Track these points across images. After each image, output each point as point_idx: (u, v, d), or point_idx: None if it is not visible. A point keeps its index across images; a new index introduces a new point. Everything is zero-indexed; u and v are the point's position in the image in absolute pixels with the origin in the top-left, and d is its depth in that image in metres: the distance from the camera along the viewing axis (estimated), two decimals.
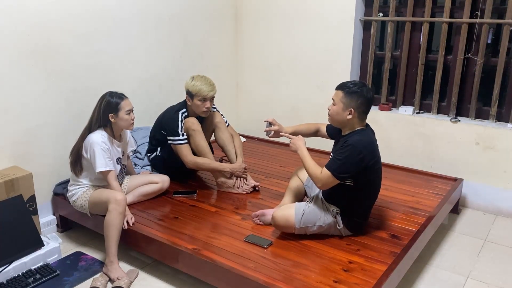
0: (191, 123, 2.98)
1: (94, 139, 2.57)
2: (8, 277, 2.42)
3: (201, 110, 2.97)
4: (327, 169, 2.28)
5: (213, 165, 3.01)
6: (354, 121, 2.32)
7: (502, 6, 3.23)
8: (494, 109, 3.30)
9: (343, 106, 2.29)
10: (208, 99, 2.94)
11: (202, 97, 2.92)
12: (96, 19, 3.07)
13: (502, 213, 3.31)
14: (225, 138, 3.16)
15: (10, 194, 2.60)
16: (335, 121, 2.38)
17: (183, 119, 3.01)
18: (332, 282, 2.08)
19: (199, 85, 2.91)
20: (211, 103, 2.99)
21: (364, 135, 2.31)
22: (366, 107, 2.32)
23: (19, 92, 2.73)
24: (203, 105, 2.94)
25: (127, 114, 2.63)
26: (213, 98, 3.00)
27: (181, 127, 2.98)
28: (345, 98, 2.29)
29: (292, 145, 2.49)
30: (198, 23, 3.87)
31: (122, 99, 2.63)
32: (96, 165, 2.56)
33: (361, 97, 2.28)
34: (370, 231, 2.52)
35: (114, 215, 2.47)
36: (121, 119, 2.62)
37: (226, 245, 2.39)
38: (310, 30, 3.85)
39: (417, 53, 3.55)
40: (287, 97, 4.14)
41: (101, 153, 2.56)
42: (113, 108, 2.60)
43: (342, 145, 2.30)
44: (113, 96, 2.61)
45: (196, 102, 2.94)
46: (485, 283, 2.53)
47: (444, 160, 3.45)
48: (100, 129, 2.63)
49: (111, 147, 2.65)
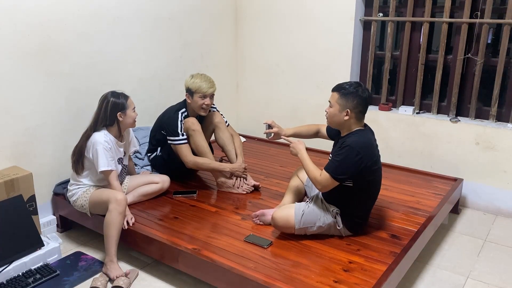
0: (191, 123, 2.98)
1: (97, 138, 2.58)
2: (8, 277, 2.42)
3: (201, 107, 2.97)
4: (326, 171, 2.29)
5: (213, 165, 3.01)
6: (351, 122, 2.32)
7: (502, 6, 3.23)
8: (494, 109, 3.30)
9: (340, 108, 2.30)
10: (208, 96, 2.96)
11: (202, 94, 2.94)
12: (96, 19, 3.07)
13: (502, 213, 3.31)
14: (225, 138, 3.16)
15: (10, 194, 2.60)
16: (333, 123, 2.39)
17: (183, 119, 3.02)
18: (332, 282, 2.08)
19: (199, 82, 2.93)
20: (211, 101, 3.00)
21: (362, 135, 2.32)
22: (363, 108, 2.32)
23: (19, 92, 2.73)
24: (203, 102, 2.95)
25: (133, 111, 2.69)
26: (213, 95, 3.01)
27: (180, 127, 2.98)
28: (341, 99, 2.30)
29: (292, 148, 2.50)
30: (198, 23, 3.87)
31: (127, 98, 2.68)
32: (99, 164, 2.56)
33: (357, 98, 2.28)
34: (370, 231, 2.52)
35: (114, 215, 2.48)
36: (128, 116, 2.68)
37: (226, 245, 2.39)
38: (310, 30, 3.85)
39: (417, 53, 3.55)
40: (287, 97, 4.14)
41: (104, 152, 2.57)
42: (122, 107, 2.64)
43: (340, 146, 2.31)
44: (118, 96, 2.64)
45: (196, 99, 2.95)
46: (485, 283, 2.53)
47: (444, 160, 3.45)
48: (103, 129, 2.64)
49: (113, 147, 2.66)
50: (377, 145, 2.41)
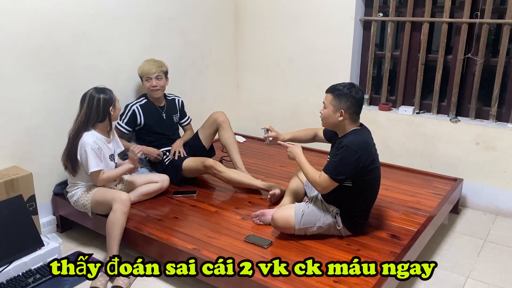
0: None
1: (85, 139, 2.58)
2: (8, 277, 2.42)
3: (150, 89, 3.11)
4: (324, 173, 2.29)
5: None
6: (346, 123, 2.33)
7: (502, 6, 3.23)
8: (494, 109, 3.30)
9: (334, 109, 2.31)
10: (152, 78, 3.08)
11: (147, 76, 3.09)
12: (96, 19, 3.07)
13: (502, 213, 3.31)
14: (228, 137, 3.20)
15: (10, 194, 2.60)
16: (328, 124, 2.40)
17: (138, 108, 3.13)
18: (332, 282, 2.08)
19: (142, 65, 3.13)
20: (158, 82, 3.11)
21: (358, 135, 2.32)
22: (357, 108, 2.33)
23: (19, 92, 2.73)
24: (150, 84, 3.09)
25: (119, 103, 2.73)
26: (160, 77, 3.11)
27: (125, 114, 3.11)
28: (335, 100, 2.31)
29: (289, 153, 2.49)
30: (198, 23, 3.87)
31: (111, 92, 2.69)
32: (89, 166, 2.56)
33: (351, 98, 2.29)
34: (370, 231, 2.52)
35: (118, 215, 2.48)
36: (117, 109, 2.71)
37: (226, 245, 2.40)
38: (310, 30, 3.85)
39: (417, 53, 3.54)
40: (287, 97, 4.14)
41: (92, 153, 2.56)
42: (112, 101, 2.65)
43: (337, 147, 2.32)
44: (105, 92, 2.64)
45: (144, 82, 3.12)
46: (485, 283, 2.53)
47: (444, 160, 3.45)
48: (90, 129, 2.63)
49: (102, 145, 2.65)
50: (374, 144, 2.41)
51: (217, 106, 3.24)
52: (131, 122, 3.13)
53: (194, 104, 3.86)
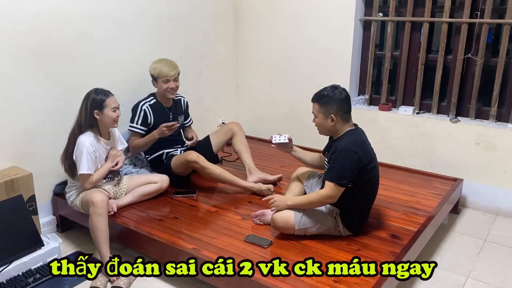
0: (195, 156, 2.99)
1: (82, 140, 2.57)
2: (8, 277, 2.42)
3: (167, 91, 3.08)
4: (328, 181, 2.29)
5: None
6: (339, 125, 2.35)
7: (502, 6, 3.23)
8: (494, 109, 3.30)
9: (323, 116, 2.34)
10: (171, 79, 3.05)
11: (165, 78, 3.03)
12: (96, 19, 3.07)
13: (502, 213, 3.31)
14: (242, 145, 3.30)
15: (10, 194, 2.60)
16: (323, 131, 2.42)
17: (148, 108, 3.09)
18: (332, 282, 2.08)
19: (159, 67, 3.05)
20: (175, 83, 3.09)
21: (352, 135, 2.34)
22: (346, 108, 2.34)
23: (19, 92, 2.73)
24: (168, 86, 3.06)
25: (112, 111, 2.60)
26: (177, 78, 3.10)
27: (138, 116, 3.06)
28: (322, 108, 2.33)
29: (275, 206, 2.42)
30: (198, 23, 3.87)
31: (107, 96, 2.60)
32: (80, 167, 2.55)
33: (336, 101, 2.30)
34: (370, 231, 2.52)
35: (94, 218, 2.47)
36: (106, 116, 2.59)
37: (226, 245, 2.40)
38: (310, 30, 3.85)
39: (417, 53, 3.54)
40: (287, 97, 4.13)
41: (87, 156, 2.55)
42: (99, 105, 2.57)
43: (334, 151, 2.32)
44: (98, 93, 2.59)
45: (160, 84, 3.06)
46: (485, 283, 2.53)
47: (444, 160, 3.45)
48: (88, 130, 2.61)
49: (99, 148, 2.64)
50: (369, 143, 2.41)
51: (217, 106, 3.24)
52: (144, 122, 3.10)
53: (194, 104, 3.85)
